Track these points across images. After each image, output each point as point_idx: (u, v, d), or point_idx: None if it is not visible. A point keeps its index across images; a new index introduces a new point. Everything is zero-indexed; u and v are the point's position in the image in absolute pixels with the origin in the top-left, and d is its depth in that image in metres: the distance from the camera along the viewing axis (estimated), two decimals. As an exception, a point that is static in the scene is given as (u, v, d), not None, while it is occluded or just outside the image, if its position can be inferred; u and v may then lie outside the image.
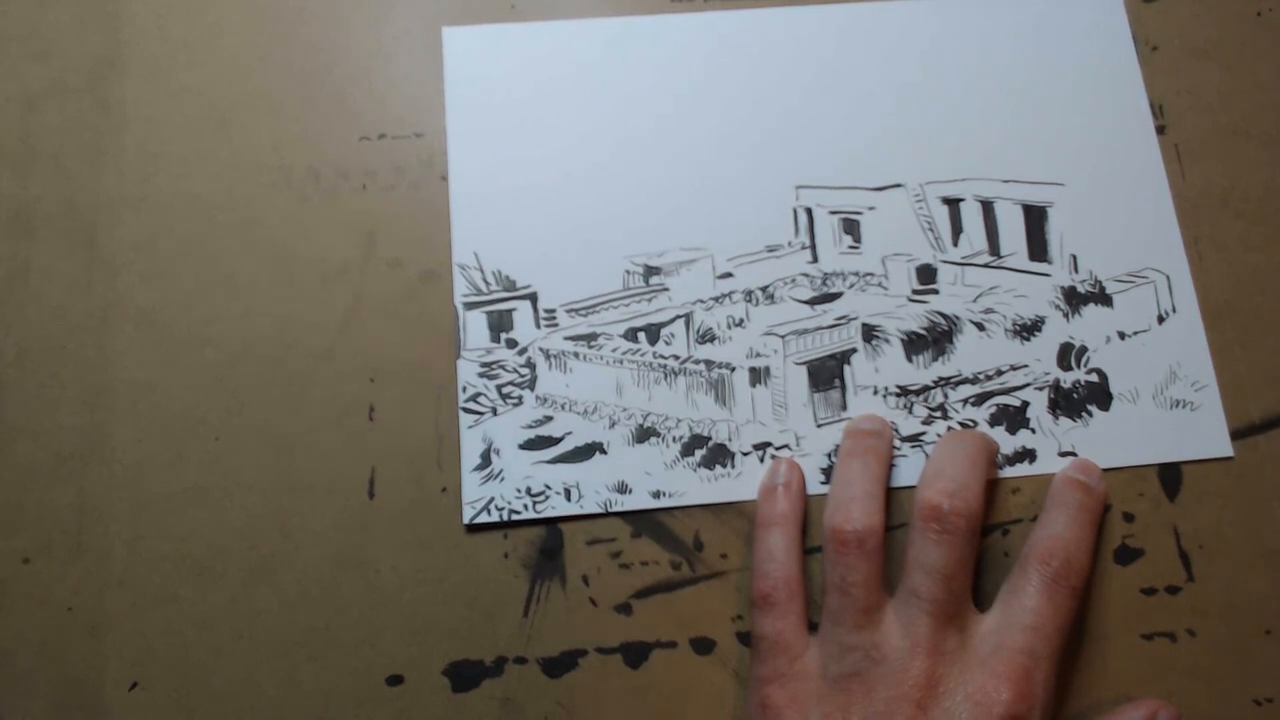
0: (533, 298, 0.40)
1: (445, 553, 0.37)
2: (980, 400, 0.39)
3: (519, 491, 0.38)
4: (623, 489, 0.38)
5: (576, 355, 0.39)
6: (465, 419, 0.38)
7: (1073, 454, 0.38)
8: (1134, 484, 0.38)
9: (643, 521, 0.38)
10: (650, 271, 0.40)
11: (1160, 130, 0.42)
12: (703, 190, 0.41)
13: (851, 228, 0.41)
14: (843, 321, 0.40)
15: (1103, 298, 0.40)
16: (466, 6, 0.44)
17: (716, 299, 0.40)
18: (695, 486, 0.38)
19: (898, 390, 0.39)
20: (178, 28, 0.43)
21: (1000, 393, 0.39)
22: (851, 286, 0.40)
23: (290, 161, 0.41)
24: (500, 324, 0.39)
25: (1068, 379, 0.39)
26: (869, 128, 0.42)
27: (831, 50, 0.43)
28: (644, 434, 0.38)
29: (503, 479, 0.38)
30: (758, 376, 0.39)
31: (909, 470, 0.38)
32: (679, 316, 0.40)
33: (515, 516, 0.37)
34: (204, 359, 0.39)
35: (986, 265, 0.40)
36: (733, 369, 0.39)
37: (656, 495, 0.38)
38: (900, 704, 0.31)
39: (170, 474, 0.38)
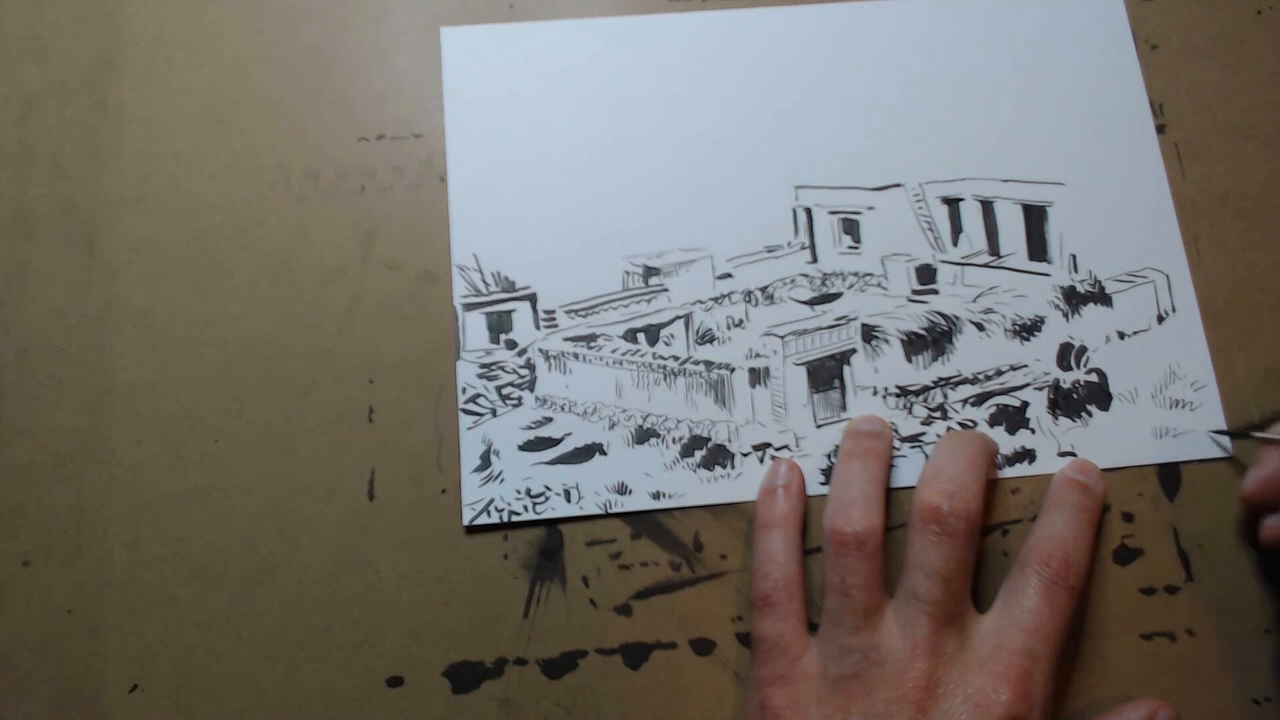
0: (532, 299, 0.40)
1: (445, 554, 0.37)
2: (980, 400, 0.39)
3: (519, 492, 0.38)
4: (622, 490, 0.38)
5: (576, 356, 0.39)
6: (465, 420, 0.38)
7: (1072, 454, 0.38)
8: (1133, 484, 0.38)
9: (642, 522, 0.38)
10: (649, 272, 0.40)
11: (1160, 129, 0.42)
12: (702, 190, 0.41)
13: (851, 228, 0.41)
14: (842, 322, 0.40)
15: (1102, 297, 0.40)
16: (465, 6, 0.44)
17: (716, 299, 0.40)
18: (695, 487, 0.38)
19: (897, 391, 0.39)
20: (176, 28, 0.43)
21: (1000, 393, 0.39)
22: (851, 287, 0.40)
23: (289, 162, 0.41)
24: (500, 325, 0.39)
25: (1067, 379, 0.39)
26: (868, 127, 0.42)
27: (830, 49, 0.43)
28: (644, 435, 0.38)
29: (502, 480, 0.38)
30: (757, 377, 0.39)
31: (909, 471, 0.38)
32: (678, 317, 0.40)
33: (515, 518, 0.37)
34: (204, 359, 0.39)
35: (986, 265, 0.40)
36: (732, 370, 0.39)
37: (656, 496, 0.38)
38: (900, 705, 0.31)
39: (170, 475, 0.38)
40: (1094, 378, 0.39)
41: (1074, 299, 0.40)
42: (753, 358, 0.39)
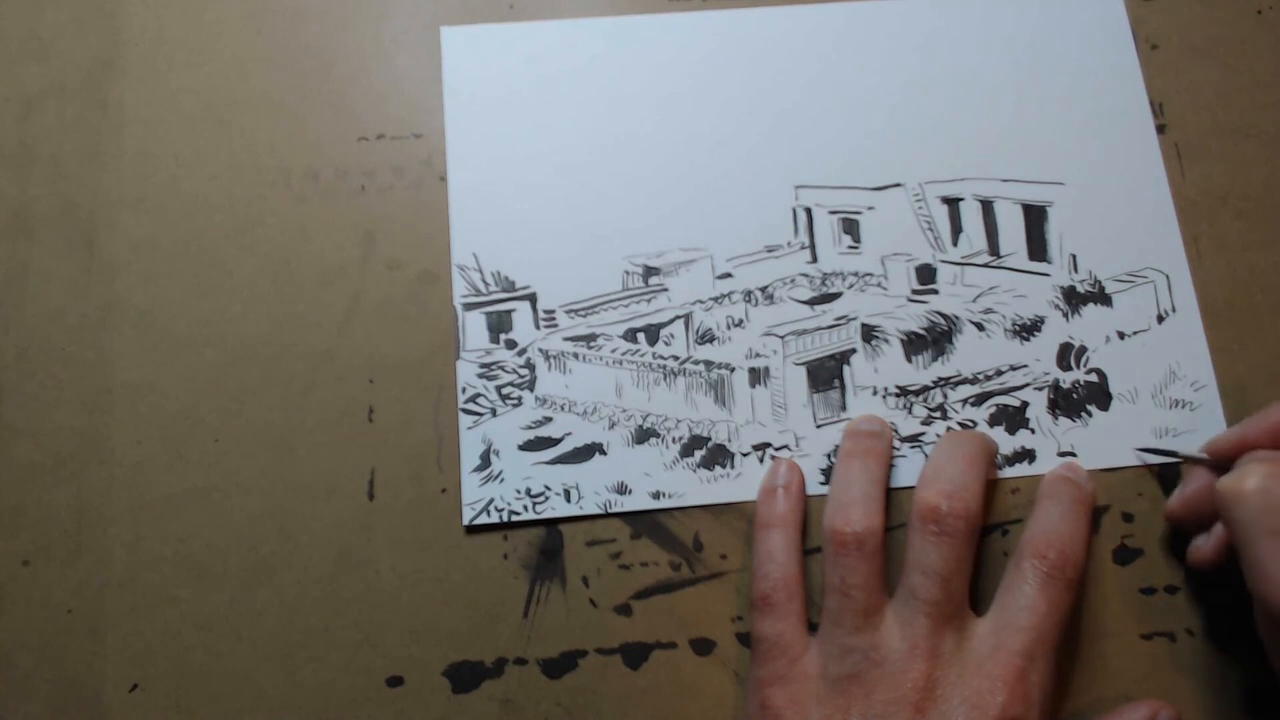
0: (532, 298, 0.40)
1: (445, 553, 0.37)
2: (980, 400, 0.39)
3: (519, 492, 0.38)
4: (622, 490, 0.38)
5: (576, 356, 0.39)
6: (465, 420, 0.38)
7: (1072, 454, 0.38)
8: (1133, 484, 0.38)
9: (642, 522, 0.38)
10: (649, 272, 0.40)
11: (1160, 129, 0.42)
12: (702, 190, 0.41)
13: (851, 227, 0.41)
14: (842, 322, 0.40)
15: (1102, 297, 0.40)
16: (465, 6, 0.44)
17: (716, 299, 0.40)
18: (695, 487, 0.38)
19: (897, 390, 0.39)
20: (176, 28, 0.43)
21: (1000, 393, 0.39)
22: (851, 286, 0.40)
23: (289, 162, 0.41)
24: (499, 325, 0.39)
25: (1067, 379, 0.39)
26: (868, 127, 0.42)
27: (830, 49, 0.43)
28: (643, 435, 0.38)
29: (502, 480, 0.38)
30: (757, 377, 0.39)
31: (909, 471, 0.38)
32: (678, 317, 0.40)
33: (515, 517, 0.37)
34: (203, 359, 0.39)
35: (986, 265, 0.40)
36: (732, 369, 0.39)
37: (656, 496, 0.38)
38: (898, 706, 0.31)
39: (170, 475, 0.38)
40: (1094, 378, 0.39)
41: (1074, 299, 0.40)
42: (753, 357, 0.39)
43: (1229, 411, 0.38)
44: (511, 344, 0.39)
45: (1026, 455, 0.38)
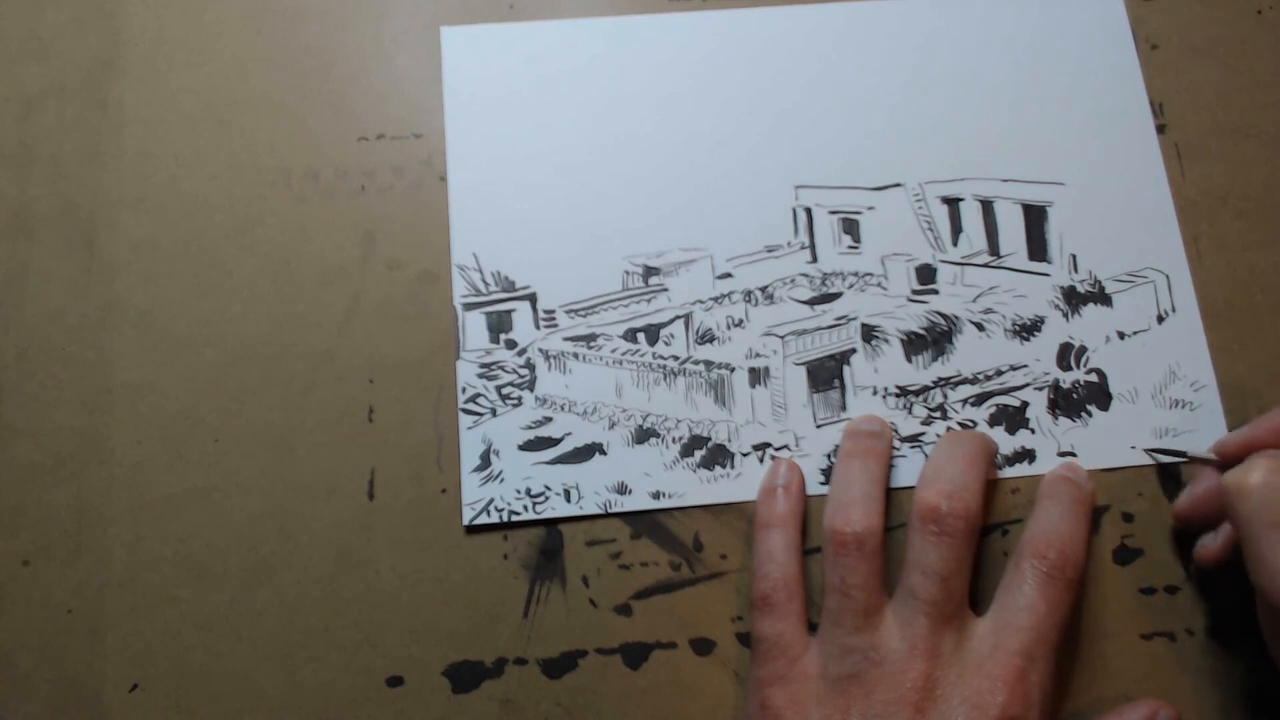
0: (532, 298, 0.40)
1: (445, 553, 0.37)
2: (980, 400, 0.39)
3: (519, 492, 0.38)
4: (622, 490, 0.38)
5: (576, 356, 0.39)
6: (465, 420, 0.38)
7: (1072, 454, 0.38)
8: (1133, 484, 0.38)
9: (642, 522, 0.38)
10: (649, 272, 0.40)
11: (1160, 129, 0.42)
12: (702, 190, 0.41)
13: (851, 227, 0.41)
14: (842, 322, 0.40)
15: (1102, 297, 0.40)
16: (465, 6, 0.44)
17: (716, 299, 0.40)
18: (695, 487, 0.38)
19: (897, 390, 0.39)
20: (176, 28, 0.43)
21: (1000, 393, 0.39)
22: (851, 286, 0.40)
23: (289, 162, 0.41)
24: (499, 325, 0.39)
25: (1067, 379, 0.39)
26: (868, 127, 0.42)
27: (830, 49, 0.43)
28: (643, 435, 0.38)
29: (502, 480, 0.38)
30: (757, 377, 0.39)
31: (909, 471, 0.38)
32: (678, 317, 0.40)
33: (515, 517, 0.37)
34: (203, 359, 0.39)
35: (986, 265, 0.40)
36: (732, 369, 0.39)
37: (656, 496, 0.38)
38: (898, 707, 0.31)
39: (170, 475, 0.38)
40: (1094, 378, 0.39)
41: (1074, 299, 0.40)
42: (753, 357, 0.39)
43: (1229, 411, 0.38)
44: (511, 344, 0.39)
45: (1026, 455, 0.38)
